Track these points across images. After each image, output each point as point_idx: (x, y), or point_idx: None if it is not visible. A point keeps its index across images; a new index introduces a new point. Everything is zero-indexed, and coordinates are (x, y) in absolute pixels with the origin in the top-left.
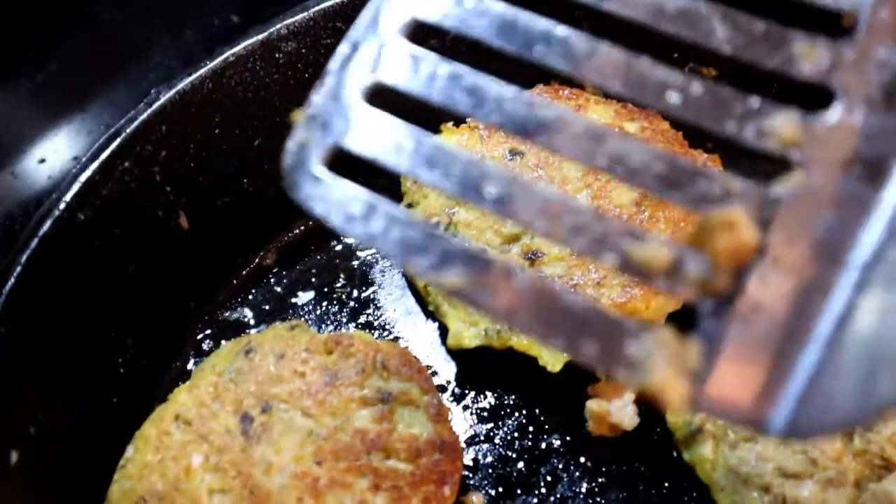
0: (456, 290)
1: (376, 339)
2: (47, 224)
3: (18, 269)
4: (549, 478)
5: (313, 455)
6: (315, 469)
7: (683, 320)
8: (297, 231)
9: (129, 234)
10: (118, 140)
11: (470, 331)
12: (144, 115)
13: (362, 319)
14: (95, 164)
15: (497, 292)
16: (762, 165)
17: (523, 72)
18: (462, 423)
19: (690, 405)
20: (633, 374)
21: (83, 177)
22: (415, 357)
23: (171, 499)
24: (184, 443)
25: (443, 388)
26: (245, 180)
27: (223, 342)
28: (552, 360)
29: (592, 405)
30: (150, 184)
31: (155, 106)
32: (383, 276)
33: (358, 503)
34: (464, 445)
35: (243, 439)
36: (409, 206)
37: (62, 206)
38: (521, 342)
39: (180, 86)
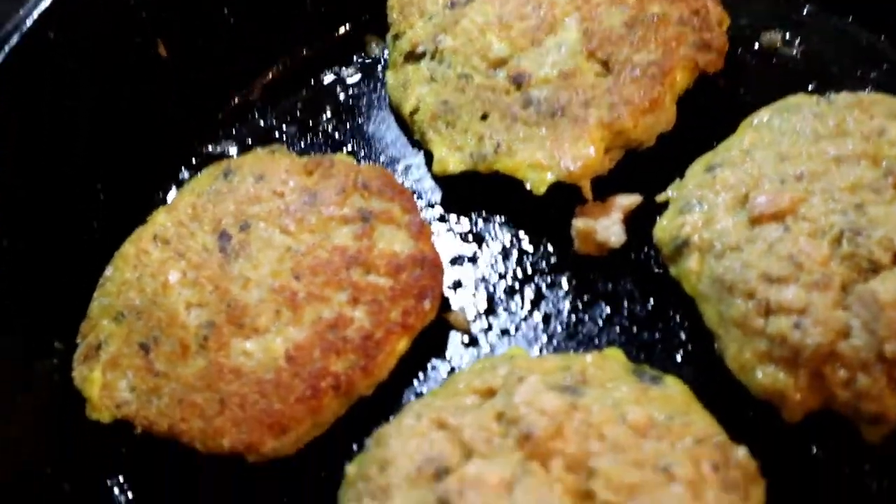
0: None
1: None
2: (15, 37)
3: None
4: (532, 297)
5: (291, 270)
6: (293, 283)
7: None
8: (283, 67)
9: (104, 57)
10: None
11: (455, 156)
12: None
13: (347, 148)
14: None
15: None
16: None
17: None
18: (446, 244)
19: None
20: None
21: None
22: (396, 179)
23: (148, 313)
24: (162, 260)
25: (427, 212)
26: (227, 12)
27: None
28: (537, 182)
29: (579, 224)
30: (124, 6)
31: None
32: (370, 108)
33: (336, 316)
34: (447, 266)
35: (221, 256)
36: (396, 36)
37: (29, 22)
38: (506, 165)
39: None
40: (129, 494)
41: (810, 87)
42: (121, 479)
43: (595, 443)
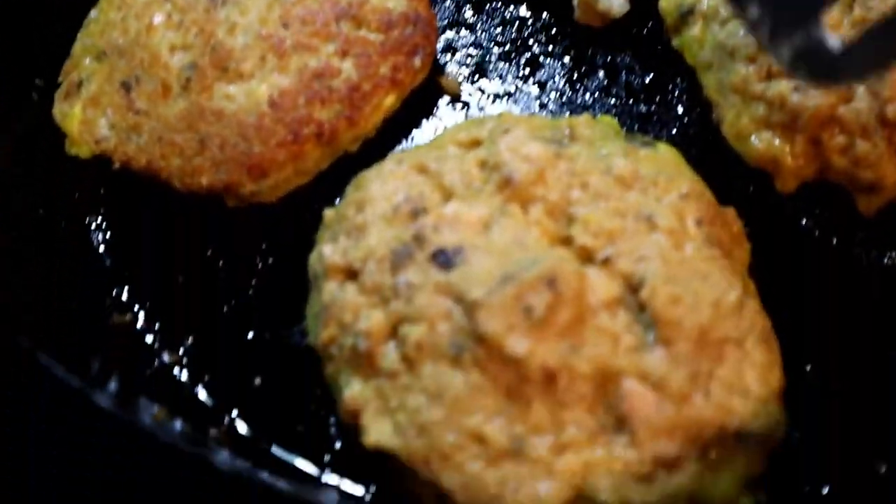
0: None
1: None
2: None
3: None
4: (528, 65)
5: (280, 18)
6: (281, 31)
7: None
8: None
9: None
10: None
11: None
12: None
13: None
14: None
15: None
16: None
17: None
18: (443, 10)
19: None
20: None
21: None
22: None
23: (131, 53)
24: (147, 3)
25: None
26: None
27: None
28: None
29: None
30: None
31: None
32: None
33: (323, 66)
34: (443, 29)
35: (208, 1)
36: None
37: None
38: None
39: None
40: (108, 234)
41: None
42: (99, 219)
43: (577, 191)
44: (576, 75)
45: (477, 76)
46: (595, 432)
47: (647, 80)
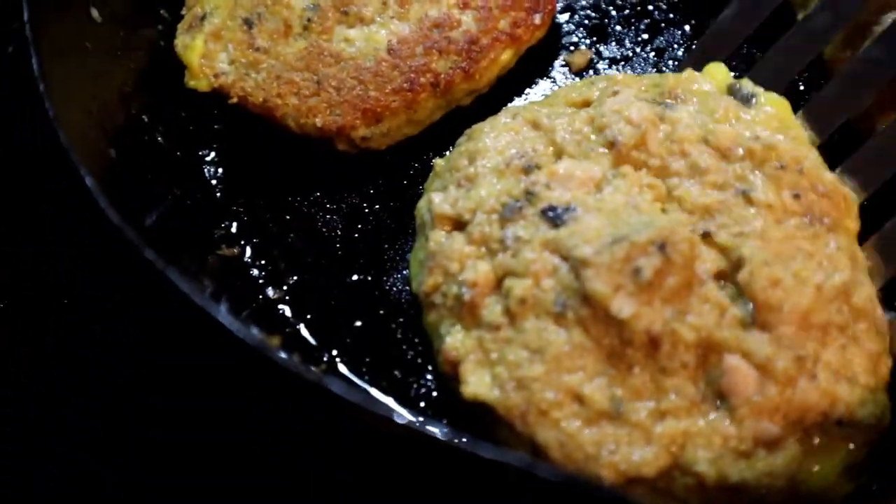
0: None
1: None
2: None
3: None
4: (647, 30)
5: None
6: None
7: None
8: None
9: None
10: None
11: None
12: None
13: None
14: None
15: None
16: None
17: None
18: None
19: None
20: None
21: None
22: None
23: None
24: None
25: None
26: None
27: None
28: None
29: None
30: None
31: None
32: None
33: (443, 17)
34: None
35: None
36: None
37: None
38: None
39: None
40: (220, 169)
41: None
42: (212, 154)
43: (677, 160)
44: (695, 44)
45: (595, 38)
46: (696, 402)
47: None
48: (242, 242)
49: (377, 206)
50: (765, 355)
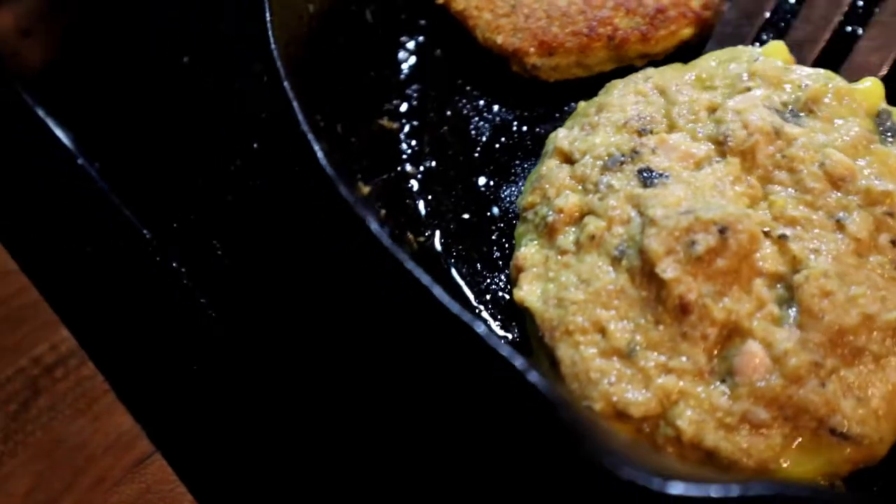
0: None
1: None
2: None
3: None
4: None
5: None
6: None
7: None
8: None
9: None
10: None
11: None
12: None
13: None
14: None
15: None
16: None
17: None
18: None
19: None
20: None
21: None
22: None
23: None
24: None
25: None
26: None
27: None
28: None
29: None
30: None
31: None
32: None
33: None
34: None
35: None
36: None
37: None
38: None
39: None
40: (411, 57)
41: None
42: (411, 43)
43: (782, 172)
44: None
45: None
46: (702, 372)
47: None
48: (403, 121)
49: (525, 128)
50: (784, 349)
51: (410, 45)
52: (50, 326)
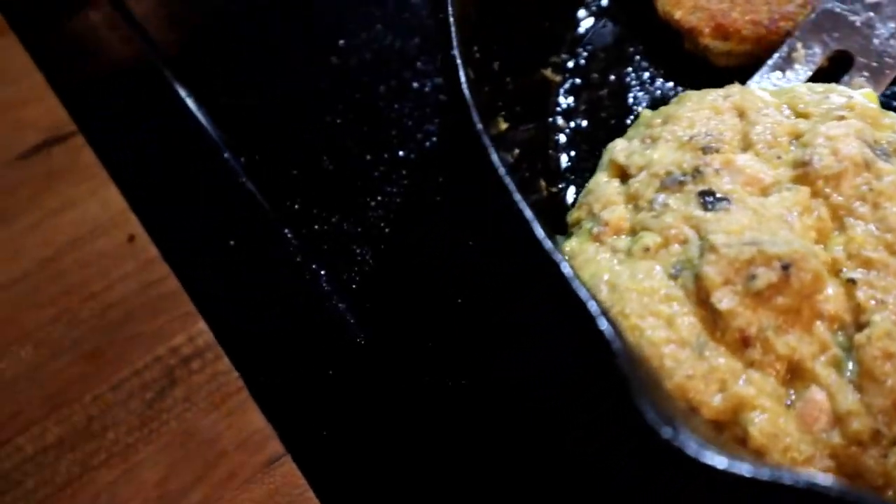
0: None
1: None
2: None
3: None
4: None
5: None
6: None
7: None
8: None
9: None
10: None
11: None
12: None
13: None
14: None
15: None
16: None
17: None
18: None
19: None
20: None
21: None
22: None
23: None
24: None
25: None
26: None
27: None
28: None
29: None
30: None
31: None
32: None
33: None
34: None
35: None
36: None
37: None
38: None
39: None
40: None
41: None
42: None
43: (864, 206)
44: None
45: None
46: (780, 397)
47: None
48: (567, 76)
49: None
50: (847, 409)
51: (592, 5)
52: (188, 318)
